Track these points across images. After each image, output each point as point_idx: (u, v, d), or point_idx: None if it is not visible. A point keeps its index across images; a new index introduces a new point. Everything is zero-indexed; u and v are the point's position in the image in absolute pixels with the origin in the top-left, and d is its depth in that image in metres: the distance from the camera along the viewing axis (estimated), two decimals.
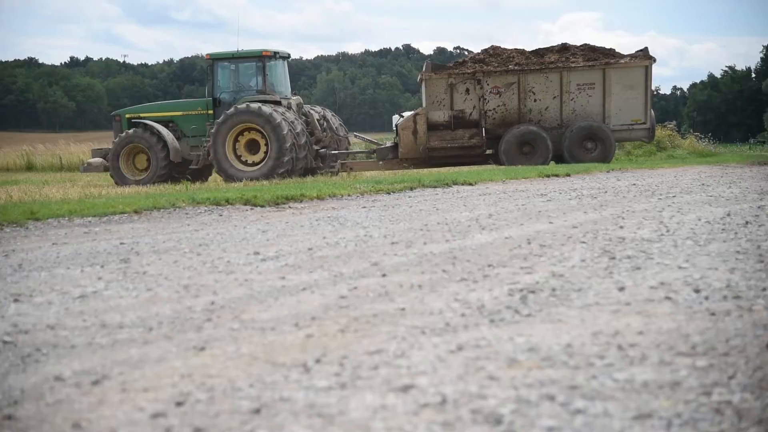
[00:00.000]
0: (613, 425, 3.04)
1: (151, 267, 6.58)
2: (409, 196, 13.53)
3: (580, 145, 18.56)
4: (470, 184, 15.68)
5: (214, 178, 21.89)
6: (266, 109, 19.64)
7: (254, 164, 20.03)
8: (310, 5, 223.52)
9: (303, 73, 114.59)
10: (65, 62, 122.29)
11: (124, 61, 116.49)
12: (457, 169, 22.90)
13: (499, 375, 3.64)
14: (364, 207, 11.73)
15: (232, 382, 3.65)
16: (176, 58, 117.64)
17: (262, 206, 11.75)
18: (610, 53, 18.99)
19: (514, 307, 4.94)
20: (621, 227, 8.41)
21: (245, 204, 11.75)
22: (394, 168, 19.92)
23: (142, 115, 21.63)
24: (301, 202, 12.50)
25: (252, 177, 19.42)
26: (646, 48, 19.00)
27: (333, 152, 21.05)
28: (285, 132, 19.56)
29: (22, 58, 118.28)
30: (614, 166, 20.71)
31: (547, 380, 3.56)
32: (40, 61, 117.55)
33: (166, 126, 21.24)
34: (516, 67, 18.87)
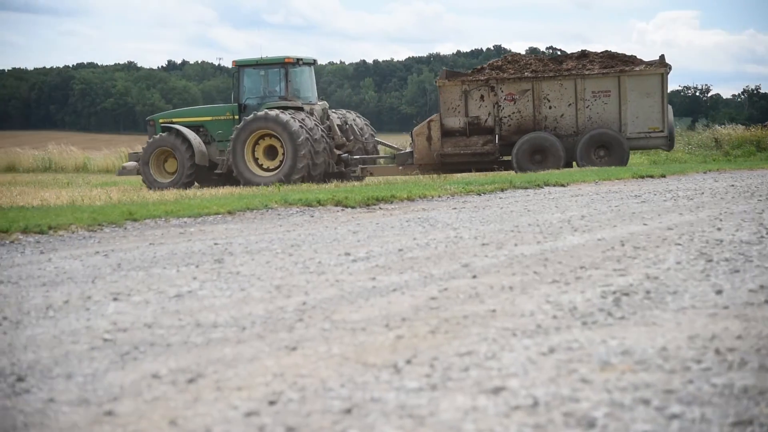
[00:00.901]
0: (712, 431, 2.97)
1: (244, 267, 6.69)
2: (500, 197, 13.45)
3: (593, 152, 18.48)
4: (562, 185, 15.50)
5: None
6: (283, 116, 19.97)
7: (272, 169, 20.46)
8: (401, 6, 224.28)
9: (394, 74, 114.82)
10: (163, 66, 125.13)
11: (219, 64, 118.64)
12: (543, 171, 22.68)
13: (592, 378, 3.59)
14: (455, 208, 11.70)
15: (323, 382, 3.68)
16: None
17: (353, 207, 11.83)
18: (629, 60, 18.85)
19: (607, 309, 4.86)
20: (718, 229, 8.20)
21: (336, 205, 11.84)
22: (413, 173, 20.05)
23: (174, 120, 22.19)
24: (391, 203, 12.54)
25: (268, 182, 19.72)
26: (662, 56, 18.81)
27: (355, 157, 21.28)
28: (301, 139, 19.85)
29: (121, 62, 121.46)
30: (711, 167, 20.23)
31: (641, 384, 3.49)
32: (139, 65, 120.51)
33: (197, 131, 21.71)
34: (530, 75, 18.89)
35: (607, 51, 19.68)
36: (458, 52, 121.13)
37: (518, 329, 4.47)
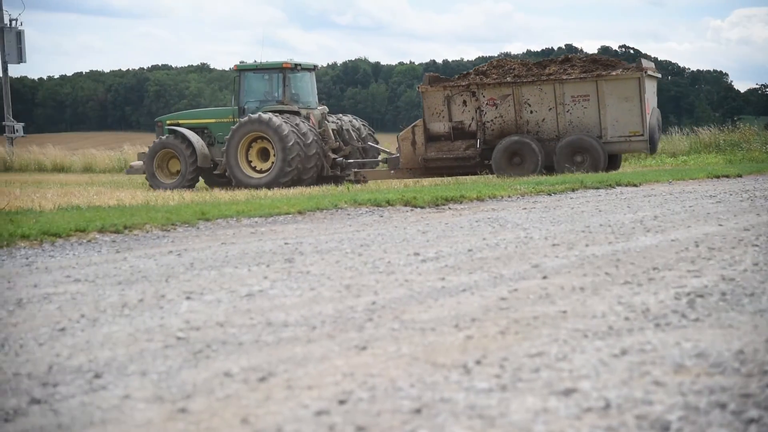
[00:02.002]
0: None
1: (314, 267, 6.73)
2: (571, 197, 13.31)
3: (570, 157, 18.53)
4: (634, 185, 15.29)
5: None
6: (274, 119, 20.29)
7: (264, 171, 20.79)
8: (469, 6, 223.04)
9: None
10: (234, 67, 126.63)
11: None
12: (612, 169, 22.39)
13: (666, 381, 3.53)
14: (525, 208, 11.62)
15: (393, 381, 3.68)
16: (339, 62, 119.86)
17: (422, 207, 11.83)
18: (610, 64, 18.91)
19: (680, 311, 4.78)
20: None
21: (405, 205, 11.85)
22: (404, 177, 20.30)
23: (180, 121, 22.66)
24: (460, 203, 12.51)
25: (259, 184, 20.14)
26: (639, 60, 18.86)
27: (349, 161, 21.57)
28: (291, 142, 20.15)
29: (194, 64, 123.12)
30: None
31: (717, 387, 3.42)
32: (211, 66, 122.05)
33: (201, 132, 22.19)
34: (510, 80, 19.07)
35: (591, 56, 19.83)
36: (528, 51, 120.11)
37: (590, 330, 4.43)
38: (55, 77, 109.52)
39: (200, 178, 22.20)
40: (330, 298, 5.50)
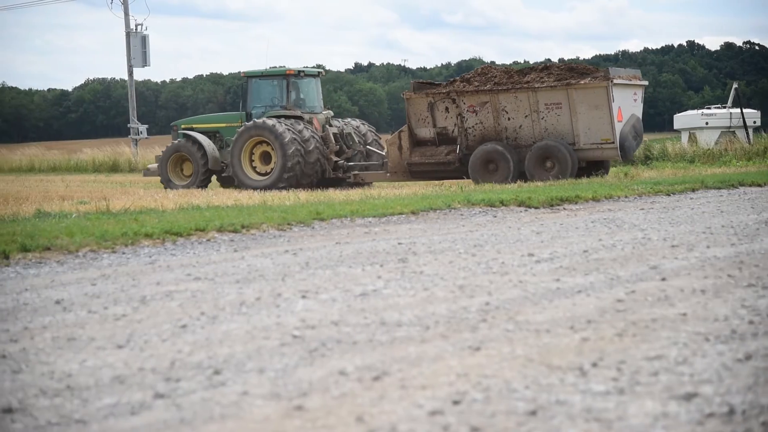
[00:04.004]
0: None
1: (427, 267, 6.74)
2: (691, 198, 12.98)
3: (540, 164, 18.72)
4: (758, 185, 14.80)
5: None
6: (275, 124, 21.05)
7: (266, 174, 21.52)
8: (583, 4, 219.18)
9: None
10: (350, 68, 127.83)
11: (403, 66, 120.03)
12: (721, 169, 21.69)
13: None
14: (642, 209, 11.37)
15: (507, 383, 3.66)
16: (453, 61, 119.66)
17: (536, 208, 11.71)
18: (585, 72, 19.05)
19: None
20: None
21: (519, 205, 11.76)
22: (400, 180, 20.87)
23: (194, 125, 23.64)
24: (576, 203, 12.34)
25: (260, 186, 20.75)
26: (607, 69, 19.01)
27: (349, 164, 22.18)
28: (290, 146, 20.85)
29: (310, 66, 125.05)
30: None
31: None
32: (327, 68, 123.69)
33: (213, 136, 23.10)
34: (487, 87, 19.46)
35: (568, 63, 20.21)
36: (646, 48, 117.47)
37: (711, 334, 4.30)
38: (177, 80, 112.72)
39: (213, 178, 23.22)
40: (443, 298, 5.50)
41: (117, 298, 5.77)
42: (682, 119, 35.27)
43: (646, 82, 20.26)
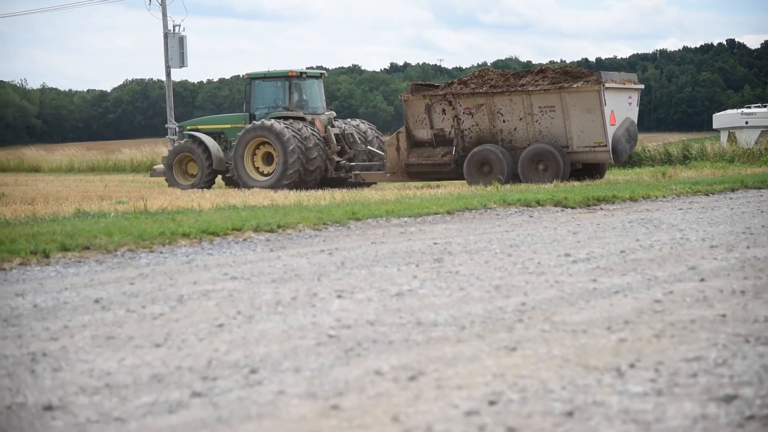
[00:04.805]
0: None
1: (463, 267, 6.73)
2: (730, 198, 12.83)
3: (533, 166, 18.91)
4: None
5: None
6: (276, 125, 21.34)
7: (268, 174, 21.85)
8: (619, 2, 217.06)
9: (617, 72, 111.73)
10: (385, 68, 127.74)
11: (439, 66, 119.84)
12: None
13: None
14: (680, 209, 11.27)
15: (543, 383, 3.64)
16: (489, 61, 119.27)
17: (572, 207, 11.65)
18: (579, 76, 19.21)
19: None
20: None
21: (555, 205, 11.70)
22: (400, 180, 21.10)
23: (199, 127, 23.99)
24: (613, 203, 12.25)
25: (263, 186, 21.05)
26: (599, 73, 19.20)
27: (351, 164, 22.43)
28: (291, 147, 21.15)
29: (345, 66, 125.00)
30: None
31: None
32: (362, 68, 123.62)
33: (218, 137, 23.43)
34: (482, 90, 19.70)
35: (564, 67, 20.31)
36: (685, 47, 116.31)
37: (751, 335, 4.26)
38: (214, 80, 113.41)
39: (218, 179, 23.56)
40: (479, 298, 5.49)
41: (155, 297, 5.82)
42: (721, 118, 34.90)
43: (641, 86, 20.56)
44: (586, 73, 19.40)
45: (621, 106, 19.24)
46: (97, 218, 10.39)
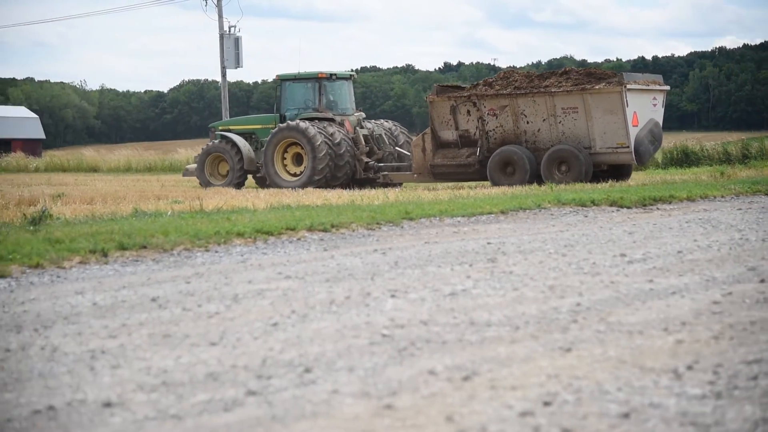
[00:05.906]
0: None
1: (517, 267, 6.69)
2: None
3: (555, 167, 18.97)
4: None
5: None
6: (306, 127, 21.52)
7: (297, 175, 22.03)
8: (676, 0, 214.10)
9: (674, 70, 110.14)
10: (439, 68, 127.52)
11: (493, 65, 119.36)
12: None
13: None
14: (740, 209, 11.08)
15: (599, 384, 3.61)
16: (543, 60, 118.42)
17: (628, 207, 11.52)
18: (603, 77, 19.24)
19: None
20: None
21: (611, 205, 11.58)
22: (426, 181, 21.18)
23: (231, 127, 24.36)
24: (669, 203, 12.10)
25: (293, 186, 21.18)
26: (621, 74, 19.18)
27: (380, 164, 22.55)
28: (321, 148, 21.35)
29: (399, 65, 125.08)
30: None
31: None
32: (416, 68, 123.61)
33: (249, 138, 23.69)
34: (507, 92, 19.79)
35: (587, 68, 20.53)
36: (745, 45, 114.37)
37: None
38: (269, 81, 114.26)
39: (248, 177, 23.75)
40: (533, 298, 5.46)
41: (210, 296, 5.88)
42: None
43: (666, 87, 20.41)
44: (609, 75, 19.49)
45: (645, 108, 19.24)
46: (154, 218, 10.53)
